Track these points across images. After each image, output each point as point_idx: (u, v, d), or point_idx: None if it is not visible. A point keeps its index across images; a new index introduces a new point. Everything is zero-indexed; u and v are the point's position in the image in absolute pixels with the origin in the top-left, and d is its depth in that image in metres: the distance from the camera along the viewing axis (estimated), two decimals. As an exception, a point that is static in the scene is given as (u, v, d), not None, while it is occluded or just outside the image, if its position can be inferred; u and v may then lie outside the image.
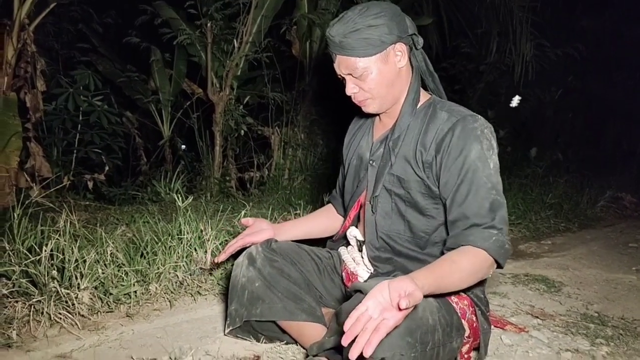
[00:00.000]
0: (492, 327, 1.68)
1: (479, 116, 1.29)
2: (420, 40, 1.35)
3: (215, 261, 1.54)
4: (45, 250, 1.51)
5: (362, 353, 0.92)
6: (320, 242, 1.70)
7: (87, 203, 3.32)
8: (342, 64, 1.32)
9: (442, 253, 1.26)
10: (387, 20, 1.27)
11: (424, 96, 1.40)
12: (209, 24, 3.83)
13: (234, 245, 1.50)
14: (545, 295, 2.16)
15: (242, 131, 4.16)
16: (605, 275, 2.54)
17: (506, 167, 4.99)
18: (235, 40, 3.93)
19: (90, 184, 3.54)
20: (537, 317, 1.86)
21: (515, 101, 5.90)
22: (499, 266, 1.23)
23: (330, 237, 1.67)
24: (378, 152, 1.42)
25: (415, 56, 1.38)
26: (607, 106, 6.83)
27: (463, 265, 1.15)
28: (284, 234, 1.59)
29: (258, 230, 1.54)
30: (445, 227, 1.32)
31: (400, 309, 0.96)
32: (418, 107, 1.37)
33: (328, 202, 1.76)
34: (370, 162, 1.43)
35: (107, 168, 3.67)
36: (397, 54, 1.31)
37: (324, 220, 1.69)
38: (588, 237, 3.48)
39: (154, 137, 4.64)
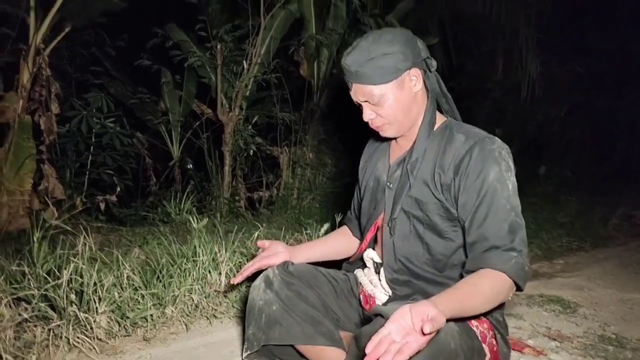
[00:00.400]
0: (511, 350, 1.67)
1: (497, 138, 1.30)
2: (433, 63, 1.37)
3: (232, 282, 1.54)
4: (65, 274, 1.52)
5: None
6: (335, 265, 1.70)
7: (100, 225, 3.34)
8: (359, 92, 1.34)
9: (461, 275, 1.26)
10: (401, 46, 1.29)
11: (440, 118, 1.42)
12: (219, 46, 3.89)
13: (250, 268, 1.50)
14: (561, 317, 2.14)
15: (251, 151, 4.20)
16: (621, 296, 2.51)
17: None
18: (244, 62, 3.99)
19: (102, 205, 3.56)
20: (555, 340, 1.84)
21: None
22: (519, 289, 1.23)
23: (346, 259, 1.67)
24: (395, 174, 1.43)
25: (429, 79, 1.40)
26: (616, 121, 6.82)
27: (484, 288, 1.15)
28: (300, 256, 1.59)
29: (274, 253, 1.54)
30: (463, 249, 1.32)
31: (423, 334, 0.96)
32: (435, 129, 1.38)
33: (342, 224, 1.76)
34: (388, 184, 1.44)
35: (118, 189, 3.70)
36: (412, 79, 1.33)
37: (339, 243, 1.69)
38: (601, 256, 3.46)
39: (164, 158, 4.68)
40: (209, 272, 2.02)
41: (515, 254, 1.19)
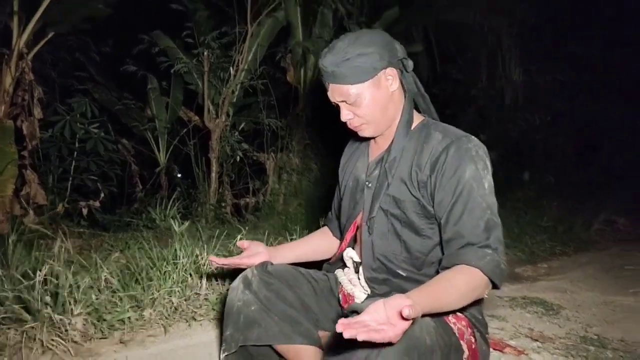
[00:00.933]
0: (491, 349, 1.67)
1: (473, 137, 1.31)
2: (410, 64, 1.38)
3: (210, 259, 1.51)
4: (39, 275, 1.50)
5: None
6: (316, 266, 1.70)
7: (81, 230, 3.30)
8: (336, 92, 1.35)
9: (438, 273, 1.27)
10: (378, 47, 1.30)
11: (417, 117, 1.43)
12: (205, 53, 3.90)
13: (230, 260, 1.49)
14: (544, 318, 2.14)
15: (238, 157, 4.19)
16: (603, 298, 2.53)
17: (499, 190, 5.01)
18: (231, 68, 4.00)
19: (85, 211, 3.52)
20: (537, 340, 1.84)
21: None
22: (495, 286, 1.22)
23: (327, 260, 1.67)
24: (374, 173, 1.44)
25: (406, 79, 1.40)
26: (598, 130, 6.93)
27: (458, 284, 1.15)
28: (280, 257, 1.58)
29: (254, 253, 1.54)
30: (440, 247, 1.33)
31: (403, 318, 0.95)
32: (412, 128, 1.39)
33: (324, 225, 1.76)
34: (367, 183, 1.45)
35: (102, 195, 3.66)
36: (388, 78, 1.34)
37: (319, 243, 1.69)
38: (584, 260, 3.48)
39: (150, 165, 4.65)
40: (190, 275, 2.00)
41: (490, 251, 1.19)
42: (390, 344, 1.01)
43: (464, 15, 5.33)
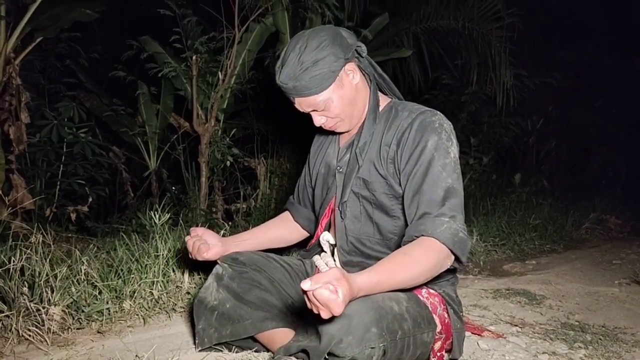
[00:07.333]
0: (470, 333, 1.67)
1: (438, 112, 1.34)
2: (363, 48, 1.36)
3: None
4: (14, 262, 1.50)
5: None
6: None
7: (70, 235, 3.29)
8: (303, 104, 1.34)
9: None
10: (330, 48, 1.27)
11: (384, 100, 1.45)
12: (194, 57, 3.93)
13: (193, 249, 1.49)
14: (527, 307, 2.14)
15: (228, 162, 4.20)
16: (588, 289, 2.53)
17: (491, 193, 5.05)
18: (220, 73, 4.03)
19: (73, 216, 3.51)
20: (517, 326, 1.84)
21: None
22: (458, 259, 1.20)
23: (303, 247, 1.67)
24: (344, 158, 1.45)
25: (362, 63, 1.39)
26: (590, 133, 6.98)
27: (415, 256, 1.14)
28: (236, 247, 1.55)
29: (211, 246, 1.49)
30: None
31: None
32: (380, 111, 1.41)
33: (285, 209, 1.76)
34: (338, 168, 1.46)
35: (90, 199, 3.65)
36: (349, 74, 1.33)
37: (281, 230, 1.70)
38: (573, 256, 3.48)
39: (141, 172, 4.65)
40: (173, 270, 2.00)
41: (446, 219, 1.18)
42: (360, 319, 1.03)
43: (452, 21, 5.39)
